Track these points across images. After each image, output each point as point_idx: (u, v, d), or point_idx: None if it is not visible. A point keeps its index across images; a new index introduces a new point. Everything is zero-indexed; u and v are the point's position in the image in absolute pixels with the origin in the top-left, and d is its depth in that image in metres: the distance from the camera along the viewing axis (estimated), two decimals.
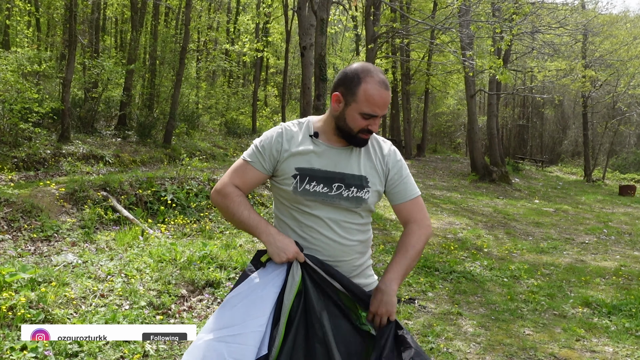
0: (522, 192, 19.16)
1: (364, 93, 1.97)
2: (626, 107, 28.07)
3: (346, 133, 2.04)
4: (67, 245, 6.04)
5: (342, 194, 2.06)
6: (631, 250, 9.23)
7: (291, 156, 2.06)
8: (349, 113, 2.00)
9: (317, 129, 2.12)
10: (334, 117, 2.06)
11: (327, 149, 2.08)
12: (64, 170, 10.85)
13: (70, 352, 3.52)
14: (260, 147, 2.12)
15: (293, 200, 2.08)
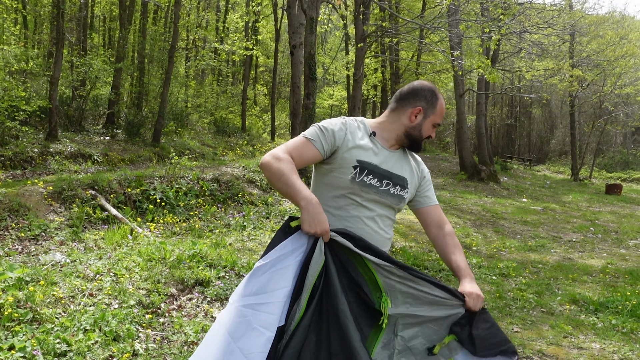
0: (510, 191, 19.29)
1: (440, 107, 2.31)
2: (613, 107, 28.34)
3: (416, 140, 2.33)
4: (55, 244, 6.00)
5: (389, 191, 2.26)
6: (617, 249, 9.32)
7: (353, 148, 2.21)
8: (426, 124, 2.31)
9: (374, 129, 2.33)
10: (408, 127, 2.30)
11: (383, 149, 2.29)
12: (51, 169, 10.76)
13: (59, 351, 3.50)
14: (324, 130, 2.23)
15: (347, 188, 2.20)
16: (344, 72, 28.58)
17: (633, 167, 31.55)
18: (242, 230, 8.02)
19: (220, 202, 9.31)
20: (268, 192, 10.48)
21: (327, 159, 2.24)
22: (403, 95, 2.34)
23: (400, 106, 2.34)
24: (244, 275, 5.40)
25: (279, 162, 2.09)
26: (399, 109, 2.34)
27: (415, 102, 2.30)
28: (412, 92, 2.32)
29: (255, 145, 21.87)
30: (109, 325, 3.92)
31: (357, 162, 2.19)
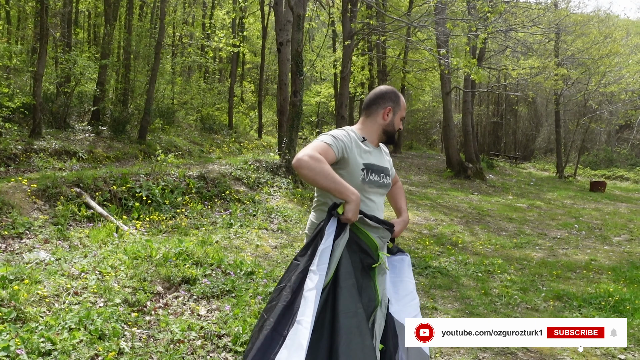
0: (496, 188, 19.43)
1: (403, 103, 2.85)
2: (597, 105, 28.62)
3: (391, 134, 2.84)
4: (39, 243, 5.94)
5: (384, 182, 2.81)
6: (601, 245, 9.44)
7: (358, 154, 2.66)
8: (395, 119, 2.82)
9: (362, 134, 2.78)
10: (383, 125, 2.80)
11: (373, 149, 2.80)
12: (35, 166, 10.65)
13: (43, 350, 3.47)
14: (337, 138, 2.62)
15: (359, 187, 2.62)
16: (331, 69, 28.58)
17: (617, 165, 31.92)
18: (228, 227, 8.00)
19: (206, 199, 9.28)
20: (255, 189, 10.46)
21: (337, 164, 2.61)
22: (372, 101, 2.81)
23: (373, 111, 2.81)
24: (231, 273, 5.39)
25: (321, 163, 2.42)
26: (372, 113, 2.81)
27: (384, 104, 2.79)
28: (379, 96, 2.81)
29: (242, 143, 21.80)
30: (94, 323, 3.90)
31: (364, 165, 2.67)
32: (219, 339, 4.09)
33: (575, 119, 30.19)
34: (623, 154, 33.35)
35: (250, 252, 6.85)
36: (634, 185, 26.64)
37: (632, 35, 34.16)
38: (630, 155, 33.25)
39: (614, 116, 31.51)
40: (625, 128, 35.06)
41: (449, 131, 22.10)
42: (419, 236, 9.16)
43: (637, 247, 9.22)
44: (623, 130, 35.47)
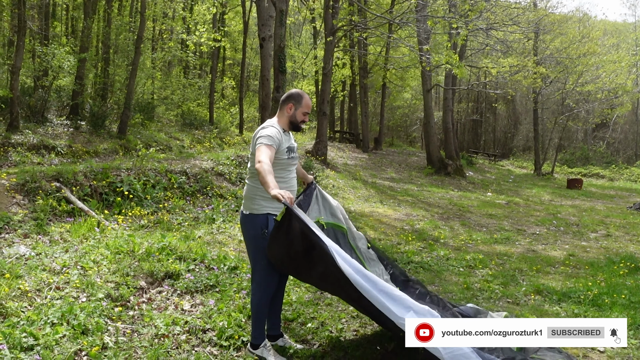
0: (476, 185, 19.64)
1: (305, 102, 3.79)
2: (574, 104, 29.08)
3: (295, 124, 3.81)
4: (18, 237, 5.85)
5: (295, 156, 3.84)
6: (579, 241, 9.60)
7: (283, 142, 3.66)
8: (297, 113, 3.78)
9: (280, 126, 3.76)
10: (288, 116, 3.78)
11: (288, 135, 3.82)
12: (13, 160, 10.47)
13: (25, 345, 3.43)
14: (274, 139, 3.54)
15: (285, 162, 3.71)
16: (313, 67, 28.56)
17: (593, 163, 32.50)
18: (211, 223, 7.96)
19: (189, 195, 9.22)
20: (237, 185, 10.42)
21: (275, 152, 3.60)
22: (282, 100, 3.83)
23: (281, 107, 3.81)
24: (214, 268, 5.37)
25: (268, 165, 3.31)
26: (281, 109, 3.81)
27: (288, 102, 3.78)
28: (287, 97, 3.81)
29: (223, 139, 21.69)
30: (77, 318, 3.86)
31: (287, 147, 3.71)
32: (204, 333, 4.07)
33: (553, 118, 30.63)
34: (599, 152, 33.97)
35: (234, 247, 6.83)
36: (609, 182, 27.17)
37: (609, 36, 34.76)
38: (606, 154, 33.89)
39: (590, 115, 32.05)
40: (601, 127, 35.71)
41: (430, 128, 22.26)
42: (401, 232, 9.22)
43: (613, 243, 9.40)
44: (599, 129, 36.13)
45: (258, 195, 3.61)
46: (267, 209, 3.59)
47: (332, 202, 4.24)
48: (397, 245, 8.04)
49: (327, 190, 12.97)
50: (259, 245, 3.59)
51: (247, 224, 3.67)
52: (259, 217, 3.59)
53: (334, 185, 13.88)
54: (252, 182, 3.66)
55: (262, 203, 3.60)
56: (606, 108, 29.93)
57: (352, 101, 29.89)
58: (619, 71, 27.36)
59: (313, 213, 4.09)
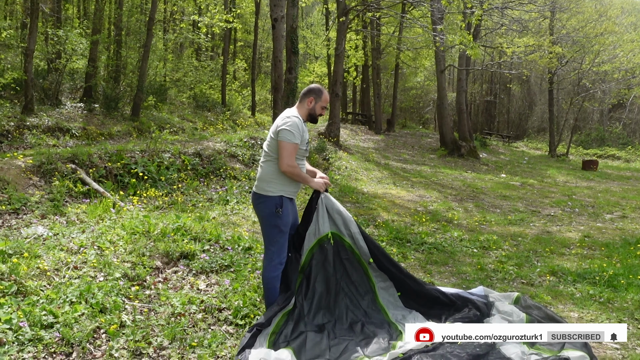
0: (490, 167, 19.51)
1: (324, 97, 4.00)
2: (590, 84, 28.63)
3: (313, 117, 4.03)
4: (36, 218, 5.92)
5: (309, 148, 4.26)
6: (594, 222, 9.53)
7: (303, 133, 3.86)
8: (317, 107, 3.99)
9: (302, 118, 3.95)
10: (308, 109, 3.99)
11: (305, 126, 3.96)
12: (28, 142, 10.56)
13: (45, 323, 3.48)
14: (297, 134, 3.77)
15: (302, 154, 3.94)
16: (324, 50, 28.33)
17: (609, 144, 32.08)
18: (225, 204, 8.00)
19: (202, 176, 9.26)
20: (250, 166, 10.44)
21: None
22: (303, 93, 4.01)
23: (302, 100, 3.99)
24: (229, 249, 5.41)
25: (296, 169, 3.80)
26: (302, 101, 3.99)
27: (309, 96, 3.98)
28: (307, 90, 4.00)
29: (236, 121, 21.69)
30: (95, 297, 3.91)
31: (307, 140, 3.95)
32: (220, 312, 4.12)
33: (569, 98, 30.20)
34: (615, 133, 33.49)
35: (247, 228, 6.86)
36: (625, 164, 26.84)
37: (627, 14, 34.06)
38: (622, 135, 33.40)
39: (607, 95, 31.56)
40: (617, 107, 35.17)
41: (443, 109, 22.08)
42: (414, 213, 9.20)
43: (629, 224, 9.32)
44: (616, 110, 35.58)
45: (274, 180, 3.83)
46: (281, 192, 3.83)
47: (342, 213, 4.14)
48: (411, 227, 8.03)
49: (339, 172, 12.96)
50: (272, 223, 3.81)
51: (261, 205, 3.85)
52: (273, 198, 3.81)
53: (346, 167, 13.86)
54: (269, 166, 3.85)
55: (277, 187, 3.83)
56: (623, 88, 29.39)
57: (364, 83, 29.67)
58: (637, 50, 26.78)
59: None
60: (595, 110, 35.06)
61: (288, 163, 3.72)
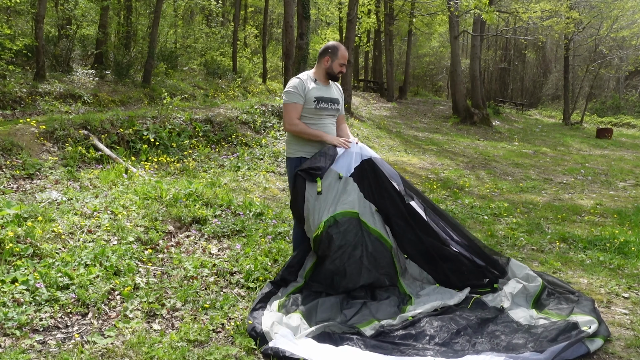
0: (502, 135, 19.35)
1: (341, 53, 3.97)
2: (608, 50, 28.06)
3: (332, 75, 4.04)
4: (50, 183, 5.99)
5: (332, 108, 4.06)
6: (607, 190, 9.47)
7: (311, 91, 3.93)
8: (334, 65, 3.98)
9: (315, 77, 4.03)
10: (325, 68, 4.00)
11: (322, 86, 4.03)
12: (41, 109, 10.61)
13: (61, 284, 3.56)
14: (295, 92, 3.90)
15: (314, 112, 3.96)
16: (336, 13, 27.91)
17: (624, 112, 31.59)
18: (236, 170, 8.04)
19: (213, 143, 9.28)
20: (261, 133, 10.44)
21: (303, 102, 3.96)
22: (319, 53, 4.04)
23: (319, 59, 4.04)
24: (240, 214, 5.46)
25: (298, 126, 3.91)
26: (319, 61, 4.04)
27: (325, 55, 3.99)
28: (323, 49, 4.02)
29: (246, 88, 21.59)
30: (109, 260, 3.98)
31: (315, 97, 3.93)
32: (231, 275, 4.18)
33: (585, 65, 29.65)
34: (631, 100, 32.93)
35: (259, 194, 6.90)
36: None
37: None
38: (638, 102, 32.84)
39: (624, 62, 30.94)
40: (635, 74, 34.49)
41: (456, 77, 21.80)
42: (425, 180, 9.19)
43: None
44: (632, 77, 34.91)
45: (292, 142, 4.05)
46: (300, 152, 4.01)
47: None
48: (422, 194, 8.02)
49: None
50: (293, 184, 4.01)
51: (287, 167, 4.15)
52: (293, 160, 4.03)
53: (358, 135, 13.82)
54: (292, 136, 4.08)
55: (296, 147, 4.03)
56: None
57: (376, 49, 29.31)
58: None
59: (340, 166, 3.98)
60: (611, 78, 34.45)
61: (288, 122, 3.90)
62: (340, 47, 3.99)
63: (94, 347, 2.99)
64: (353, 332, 3.26)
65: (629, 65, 30.74)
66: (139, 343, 3.04)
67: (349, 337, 3.18)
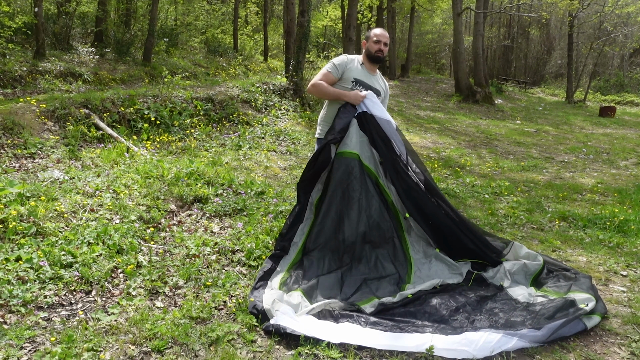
0: (505, 113, 19.26)
1: (373, 34, 4.02)
2: (612, 27, 27.75)
3: (370, 56, 4.03)
4: (52, 162, 6.01)
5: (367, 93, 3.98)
6: (608, 169, 9.47)
7: (352, 72, 3.99)
8: (369, 45, 4.01)
9: (362, 61, 4.07)
10: (365, 52, 4.06)
11: (367, 73, 4.07)
12: (41, 88, 10.57)
13: (64, 262, 3.60)
14: (336, 64, 3.99)
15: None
16: None
17: (628, 90, 31.35)
18: (237, 149, 8.04)
19: (215, 121, 9.27)
20: (263, 112, 10.42)
21: (339, 80, 4.02)
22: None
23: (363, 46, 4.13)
24: (242, 193, 5.48)
25: (320, 86, 3.96)
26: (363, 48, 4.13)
27: (364, 41, 4.11)
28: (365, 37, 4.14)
29: (248, 66, 21.47)
30: (112, 238, 4.01)
31: (354, 78, 4.01)
32: (233, 254, 4.21)
33: (589, 42, 29.35)
34: (635, 78, 32.67)
35: (260, 173, 6.92)
36: None
37: None
38: None
39: (628, 39, 30.60)
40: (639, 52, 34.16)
41: (459, 54, 21.62)
42: (427, 159, 9.19)
43: None
44: (637, 55, 34.57)
45: (321, 123, 4.19)
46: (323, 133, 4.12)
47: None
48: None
49: None
50: None
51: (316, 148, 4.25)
52: (319, 140, 4.17)
53: None
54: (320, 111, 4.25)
55: (323, 128, 4.15)
56: None
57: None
58: None
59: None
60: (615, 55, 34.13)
61: (311, 82, 4.00)
62: (374, 29, 4.09)
63: (98, 323, 3.04)
64: (353, 310, 3.30)
65: (634, 43, 30.43)
66: (142, 320, 3.08)
67: (349, 314, 3.22)
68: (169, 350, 2.85)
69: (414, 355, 2.91)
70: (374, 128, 3.96)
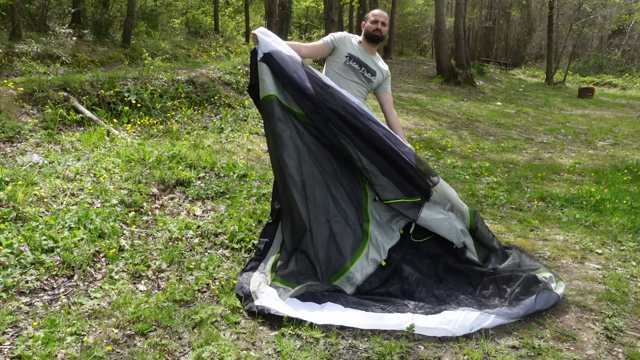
0: (486, 95, 19.39)
1: (371, 15, 3.97)
2: (591, 9, 27.93)
3: (367, 35, 3.94)
4: (30, 146, 5.94)
5: (363, 73, 3.93)
6: (586, 149, 9.62)
7: (346, 45, 3.93)
8: (367, 25, 3.93)
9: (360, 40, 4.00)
10: (363, 31, 3.97)
11: (364, 51, 3.97)
12: (18, 70, 10.37)
13: (46, 247, 3.58)
14: (332, 36, 3.95)
15: (342, 68, 3.91)
16: None
17: (606, 71, 31.73)
18: (219, 132, 8.01)
19: (196, 104, 9.20)
20: (244, 94, 10.36)
21: (332, 53, 3.97)
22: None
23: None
24: (224, 176, 5.48)
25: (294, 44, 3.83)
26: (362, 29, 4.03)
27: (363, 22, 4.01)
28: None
29: (229, 47, 21.26)
30: (93, 223, 4.00)
31: (348, 53, 3.91)
32: (216, 237, 4.23)
33: (569, 24, 29.54)
34: (613, 60, 33.05)
35: (243, 155, 6.91)
36: (621, 91, 26.67)
37: None
38: (620, 62, 32.98)
39: (607, 21, 30.87)
40: (617, 33, 34.51)
41: (440, 36, 21.64)
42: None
43: (620, 151, 9.41)
44: (615, 36, 34.93)
45: None
46: None
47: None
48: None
49: None
50: None
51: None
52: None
53: None
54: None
55: None
56: (624, 13, 28.72)
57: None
58: None
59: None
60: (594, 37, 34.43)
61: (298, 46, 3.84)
62: (373, 10, 4.07)
63: (81, 308, 3.05)
64: (334, 290, 3.35)
65: (612, 24, 30.71)
66: (125, 303, 3.10)
67: (332, 294, 3.27)
68: (153, 333, 2.88)
69: (395, 333, 2.97)
70: (276, 69, 3.56)
